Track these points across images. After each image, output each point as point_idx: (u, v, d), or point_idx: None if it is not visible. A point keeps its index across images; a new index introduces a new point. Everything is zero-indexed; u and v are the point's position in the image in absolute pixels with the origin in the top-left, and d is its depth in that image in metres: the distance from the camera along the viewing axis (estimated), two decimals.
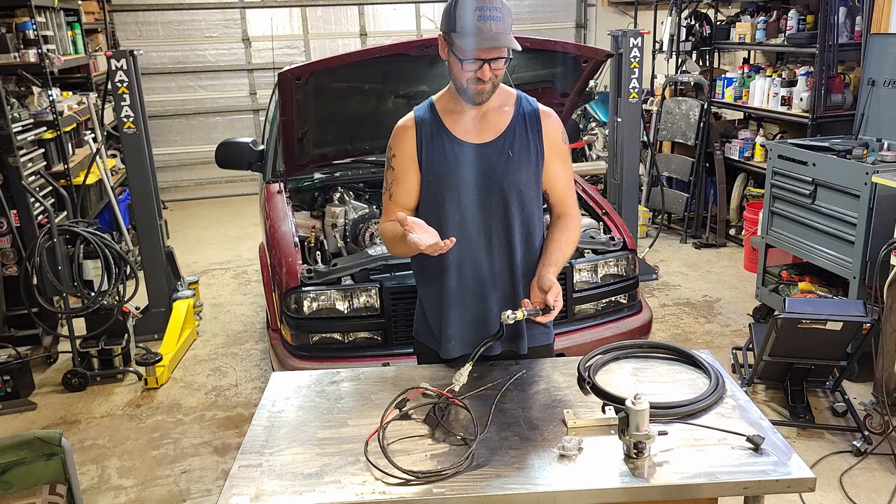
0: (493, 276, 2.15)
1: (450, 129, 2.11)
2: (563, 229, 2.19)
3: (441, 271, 2.15)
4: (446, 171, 2.09)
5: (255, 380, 4.32)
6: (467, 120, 2.11)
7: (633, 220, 5.67)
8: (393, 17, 9.22)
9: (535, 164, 2.13)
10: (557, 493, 1.62)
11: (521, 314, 1.95)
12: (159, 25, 8.61)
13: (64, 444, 2.00)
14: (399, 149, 2.15)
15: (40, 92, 5.24)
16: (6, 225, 4.49)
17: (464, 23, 1.95)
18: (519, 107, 2.14)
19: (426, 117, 2.14)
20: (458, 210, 2.11)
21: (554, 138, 2.16)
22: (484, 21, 1.92)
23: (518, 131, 2.11)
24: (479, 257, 2.13)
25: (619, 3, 8.90)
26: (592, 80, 3.93)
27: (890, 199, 3.75)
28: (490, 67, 1.98)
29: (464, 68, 1.99)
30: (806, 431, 3.51)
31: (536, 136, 2.12)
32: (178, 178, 8.94)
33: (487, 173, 2.09)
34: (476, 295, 2.16)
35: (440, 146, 2.10)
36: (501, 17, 1.94)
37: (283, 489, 1.64)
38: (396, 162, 2.15)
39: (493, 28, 1.93)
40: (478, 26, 1.93)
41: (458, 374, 1.93)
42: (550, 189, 2.21)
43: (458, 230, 2.09)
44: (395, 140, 2.16)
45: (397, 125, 2.18)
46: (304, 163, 3.83)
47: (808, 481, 1.63)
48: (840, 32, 5.18)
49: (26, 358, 4.24)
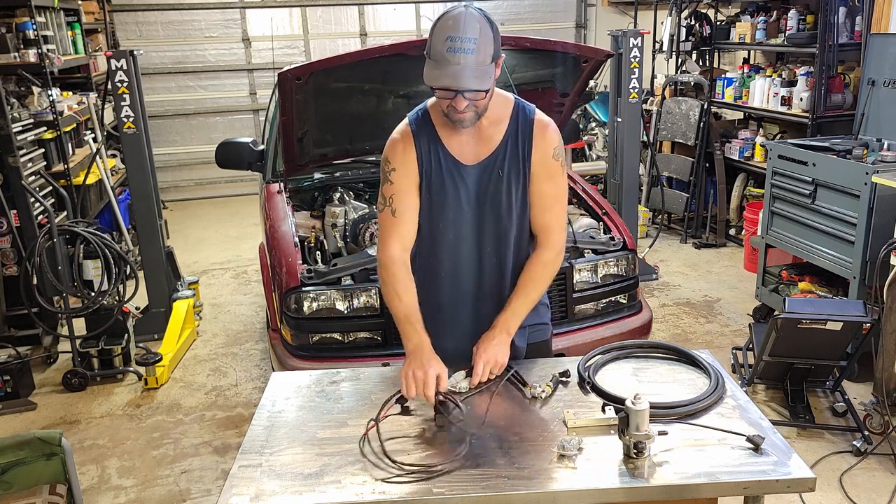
0: (487, 291, 2.14)
1: (446, 144, 2.04)
2: (526, 272, 2.11)
3: (436, 285, 2.14)
4: (442, 190, 2.05)
5: (255, 380, 4.32)
6: (462, 135, 2.03)
7: (633, 220, 5.67)
8: (393, 17, 9.22)
9: (522, 176, 2.05)
10: (557, 493, 1.62)
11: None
12: (159, 25, 8.61)
13: (64, 444, 2.00)
14: (399, 162, 2.04)
15: (40, 92, 5.24)
16: (6, 225, 4.49)
17: (434, 51, 1.83)
18: (515, 118, 2.04)
19: (423, 129, 2.05)
20: (452, 228, 2.08)
21: (544, 153, 2.05)
22: (453, 53, 1.79)
23: (510, 147, 2.03)
24: (472, 272, 2.12)
25: (619, 3, 8.90)
26: (592, 80, 3.93)
27: (890, 199, 3.75)
28: (464, 97, 1.86)
29: (436, 96, 1.92)
30: (806, 431, 3.51)
31: (527, 148, 2.04)
32: (178, 178, 8.94)
33: (479, 193, 2.05)
34: (470, 309, 2.15)
35: (437, 164, 2.04)
36: (475, 49, 1.79)
37: (283, 489, 1.64)
38: (396, 176, 2.04)
39: (461, 61, 1.79)
40: (445, 58, 1.80)
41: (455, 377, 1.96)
42: (531, 206, 2.09)
43: (452, 247, 2.09)
44: (393, 153, 2.05)
45: (393, 137, 2.08)
46: (304, 163, 3.83)
47: (808, 481, 1.63)
48: (840, 32, 5.18)
49: (26, 358, 4.25)
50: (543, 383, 1.98)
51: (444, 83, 1.84)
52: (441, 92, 1.89)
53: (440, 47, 1.81)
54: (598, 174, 6.78)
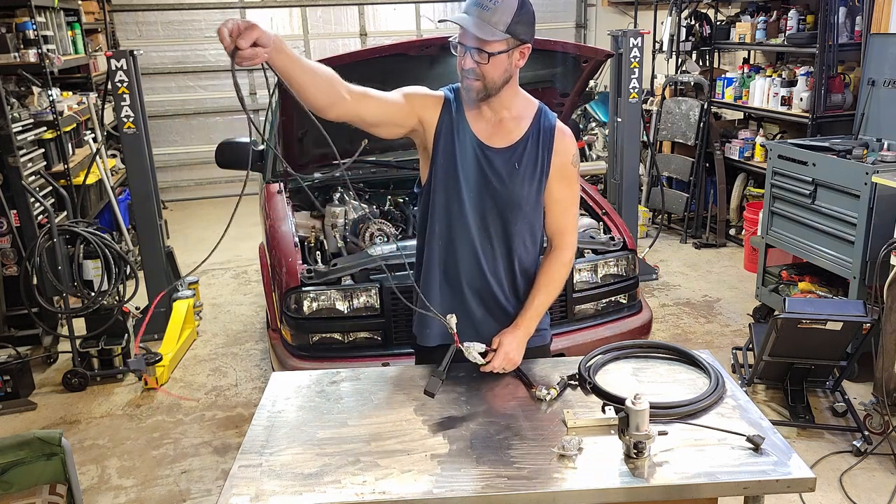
0: (492, 272, 2.14)
1: (469, 121, 2.10)
2: (546, 272, 2.17)
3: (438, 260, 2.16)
4: (456, 160, 2.08)
5: (255, 380, 4.32)
6: (484, 120, 2.09)
7: (633, 220, 5.67)
8: (393, 17, 9.22)
9: (538, 180, 2.10)
10: (557, 493, 1.62)
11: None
12: (159, 25, 8.61)
13: (64, 444, 2.00)
14: (424, 100, 2.08)
15: (40, 92, 5.24)
16: (6, 225, 4.49)
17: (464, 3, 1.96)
18: (537, 120, 2.10)
19: (453, 100, 2.11)
20: (457, 200, 2.10)
21: (564, 158, 2.11)
22: (474, 6, 1.90)
23: (529, 145, 2.08)
24: (476, 249, 2.13)
25: (619, 3, 8.90)
26: (592, 80, 3.93)
27: (890, 199, 3.75)
28: (471, 57, 1.93)
29: (456, 53, 1.99)
30: (806, 431, 3.51)
31: (547, 153, 2.09)
32: (178, 178, 8.94)
33: (490, 178, 2.08)
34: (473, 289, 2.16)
35: (457, 133, 2.08)
36: (493, 9, 1.88)
37: (283, 489, 1.64)
38: (410, 89, 2.07)
39: (476, 13, 1.89)
40: (467, 7, 1.92)
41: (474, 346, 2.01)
42: (548, 209, 2.16)
43: (458, 219, 2.11)
44: (427, 93, 2.10)
45: (431, 91, 2.13)
46: (304, 163, 3.83)
47: (808, 481, 1.63)
48: (840, 32, 5.18)
49: (26, 358, 4.25)
50: (550, 386, 1.98)
51: (461, 24, 1.91)
52: (458, 49, 1.96)
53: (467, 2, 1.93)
54: (598, 174, 6.78)
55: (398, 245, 3.17)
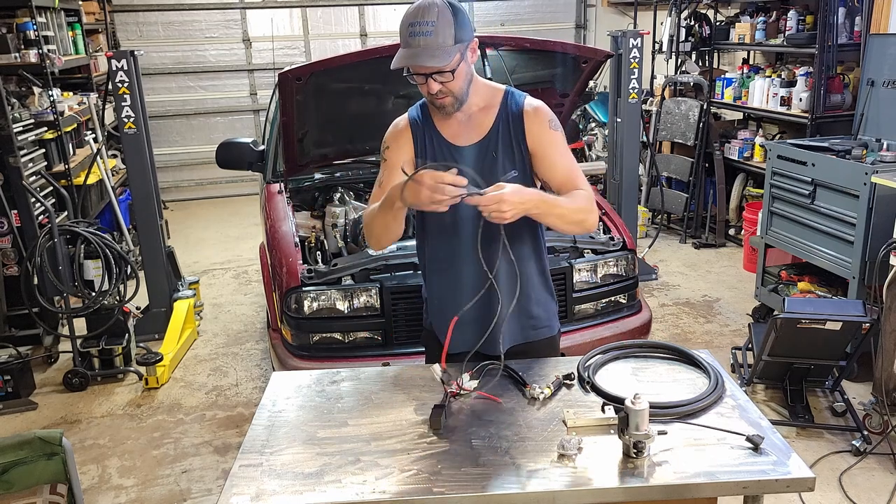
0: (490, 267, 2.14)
1: (440, 130, 2.13)
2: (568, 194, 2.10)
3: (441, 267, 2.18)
4: None
5: (255, 379, 4.32)
6: (454, 122, 2.12)
7: (633, 220, 5.68)
8: (393, 17, 9.21)
9: (521, 163, 2.11)
10: (557, 492, 1.62)
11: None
12: (160, 26, 8.61)
13: (64, 444, 2.00)
14: (392, 141, 2.17)
15: (41, 92, 5.24)
16: (7, 225, 4.49)
17: (401, 38, 1.95)
18: (504, 106, 2.12)
19: (420, 117, 2.16)
20: (451, 210, 2.10)
21: (538, 133, 2.09)
22: (413, 37, 1.90)
23: (502, 131, 2.10)
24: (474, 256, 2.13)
25: (618, 4, 8.90)
26: (592, 80, 3.93)
27: (889, 199, 3.76)
28: (435, 80, 1.95)
29: (414, 82, 2.00)
30: (805, 431, 3.52)
31: (520, 135, 2.10)
32: (179, 178, 8.94)
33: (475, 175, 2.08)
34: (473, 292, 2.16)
35: (432, 147, 2.13)
36: (433, 32, 1.88)
37: (284, 489, 1.64)
38: (389, 153, 2.16)
39: (422, 43, 1.89)
40: (407, 42, 1.92)
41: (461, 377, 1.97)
42: (550, 179, 2.14)
43: (453, 230, 2.11)
44: (391, 136, 2.19)
45: (394, 123, 2.20)
46: (305, 163, 3.84)
47: (808, 481, 1.64)
48: (839, 33, 5.18)
49: (27, 358, 4.25)
50: (543, 384, 1.98)
51: (401, 63, 1.94)
52: (415, 78, 1.99)
53: (404, 33, 1.94)
54: (597, 174, 6.78)
55: (398, 245, 3.17)
